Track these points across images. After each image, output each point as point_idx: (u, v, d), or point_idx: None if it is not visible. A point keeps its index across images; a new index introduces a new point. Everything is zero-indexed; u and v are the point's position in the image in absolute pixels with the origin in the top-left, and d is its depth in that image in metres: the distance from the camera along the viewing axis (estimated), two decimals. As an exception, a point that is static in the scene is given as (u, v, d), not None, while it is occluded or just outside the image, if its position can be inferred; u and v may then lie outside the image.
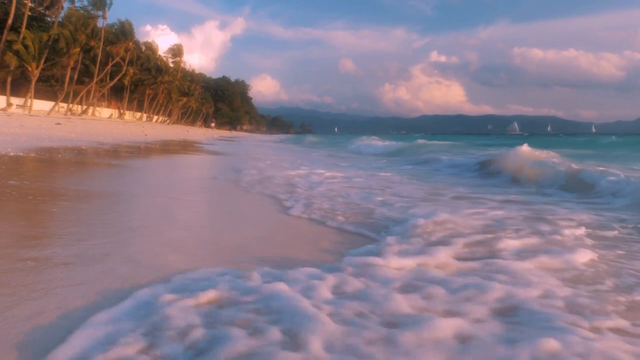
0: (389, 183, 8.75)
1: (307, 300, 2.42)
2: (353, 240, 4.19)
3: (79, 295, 2.48)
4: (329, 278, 2.84)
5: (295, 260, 3.36)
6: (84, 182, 7.18)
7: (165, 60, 75.48)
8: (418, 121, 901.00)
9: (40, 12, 48.00)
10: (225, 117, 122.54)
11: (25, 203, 4.85)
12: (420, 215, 4.86)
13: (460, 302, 2.56)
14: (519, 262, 3.33)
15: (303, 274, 2.93)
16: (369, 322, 2.24)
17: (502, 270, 3.13)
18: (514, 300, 2.58)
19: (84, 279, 2.71)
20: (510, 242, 3.89)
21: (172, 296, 2.42)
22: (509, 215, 5.24)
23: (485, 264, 3.28)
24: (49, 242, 3.42)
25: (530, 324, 2.30)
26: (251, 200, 6.60)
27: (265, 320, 2.20)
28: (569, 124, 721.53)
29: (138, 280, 2.75)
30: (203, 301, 2.40)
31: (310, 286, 2.68)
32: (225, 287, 2.58)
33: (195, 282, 2.72)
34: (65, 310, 2.28)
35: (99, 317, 2.16)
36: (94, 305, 2.34)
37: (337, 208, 5.64)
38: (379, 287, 2.72)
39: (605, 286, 2.95)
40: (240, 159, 16.11)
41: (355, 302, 2.47)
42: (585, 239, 4.16)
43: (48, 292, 2.48)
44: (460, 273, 3.11)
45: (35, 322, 2.13)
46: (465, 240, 3.95)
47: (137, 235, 3.94)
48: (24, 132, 17.95)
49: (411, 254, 3.47)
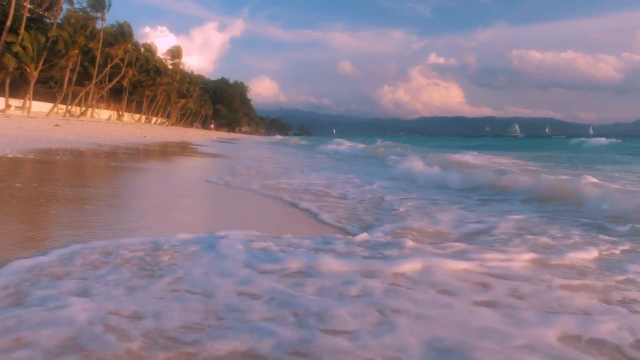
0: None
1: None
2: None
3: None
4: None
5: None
6: (77, 184, 7.19)
7: (164, 62, 75.48)
8: (417, 123, 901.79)
9: (39, 14, 48.00)
10: (224, 119, 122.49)
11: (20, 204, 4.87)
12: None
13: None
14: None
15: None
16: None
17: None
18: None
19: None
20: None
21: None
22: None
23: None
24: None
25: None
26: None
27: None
28: (568, 126, 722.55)
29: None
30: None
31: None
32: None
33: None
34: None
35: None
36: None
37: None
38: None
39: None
40: (232, 160, 16.22)
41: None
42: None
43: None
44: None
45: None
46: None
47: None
48: (23, 134, 17.96)
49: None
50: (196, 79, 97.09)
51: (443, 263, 3.26)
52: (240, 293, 2.59)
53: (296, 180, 9.44)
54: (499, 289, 2.84)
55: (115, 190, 6.81)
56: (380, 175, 11.33)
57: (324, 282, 2.86)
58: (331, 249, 3.68)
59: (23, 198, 5.23)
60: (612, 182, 7.69)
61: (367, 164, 16.72)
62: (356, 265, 3.19)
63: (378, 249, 3.75)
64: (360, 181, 9.52)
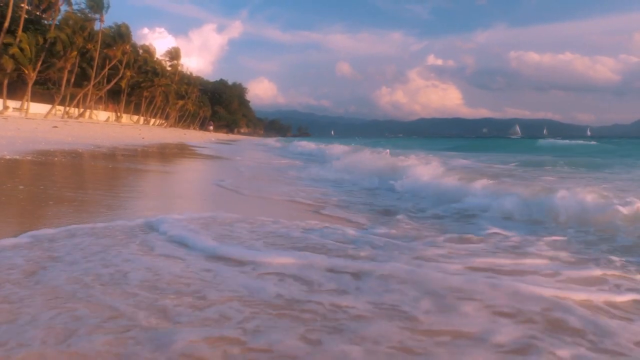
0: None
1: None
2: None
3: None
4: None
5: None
6: (76, 186, 7.17)
7: (162, 64, 75.36)
8: (415, 124, 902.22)
9: (37, 15, 47.90)
10: (222, 120, 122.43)
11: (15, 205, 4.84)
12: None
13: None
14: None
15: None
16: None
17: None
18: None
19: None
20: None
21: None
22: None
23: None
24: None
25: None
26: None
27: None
28: (566, 127, 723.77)
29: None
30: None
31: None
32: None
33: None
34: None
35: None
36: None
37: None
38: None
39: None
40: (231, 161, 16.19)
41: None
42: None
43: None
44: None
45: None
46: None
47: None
48: (21, 135, 17.92)
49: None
50: (194, 81, 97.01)
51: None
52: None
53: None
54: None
55: (105, 191, 6.79)
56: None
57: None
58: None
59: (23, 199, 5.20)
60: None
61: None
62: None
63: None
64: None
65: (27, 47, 39.93)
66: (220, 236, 3.95)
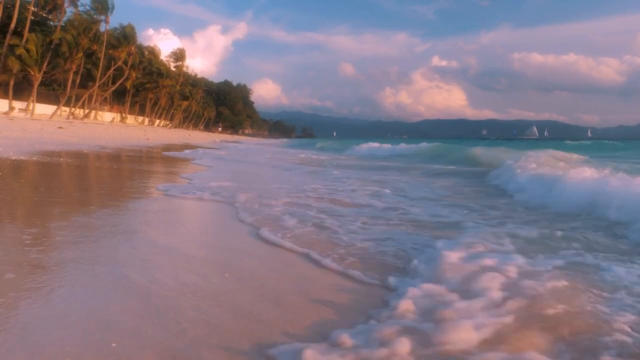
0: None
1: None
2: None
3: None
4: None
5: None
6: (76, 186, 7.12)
7: (167, 65, 75.60)
8: (419, 125, 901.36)
9: (43, 17, 48.15)
10: (227, 122, 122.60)
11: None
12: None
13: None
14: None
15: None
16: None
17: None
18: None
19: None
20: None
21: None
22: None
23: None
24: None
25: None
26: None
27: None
28: (570, 128, 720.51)
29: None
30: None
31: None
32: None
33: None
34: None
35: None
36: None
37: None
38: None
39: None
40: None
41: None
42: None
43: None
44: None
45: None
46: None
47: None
48: (26, 136, 17.95)
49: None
50: (199, 82, 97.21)
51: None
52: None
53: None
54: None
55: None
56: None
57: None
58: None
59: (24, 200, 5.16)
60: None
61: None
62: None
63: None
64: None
65: (33, 48, 40.11)
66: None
